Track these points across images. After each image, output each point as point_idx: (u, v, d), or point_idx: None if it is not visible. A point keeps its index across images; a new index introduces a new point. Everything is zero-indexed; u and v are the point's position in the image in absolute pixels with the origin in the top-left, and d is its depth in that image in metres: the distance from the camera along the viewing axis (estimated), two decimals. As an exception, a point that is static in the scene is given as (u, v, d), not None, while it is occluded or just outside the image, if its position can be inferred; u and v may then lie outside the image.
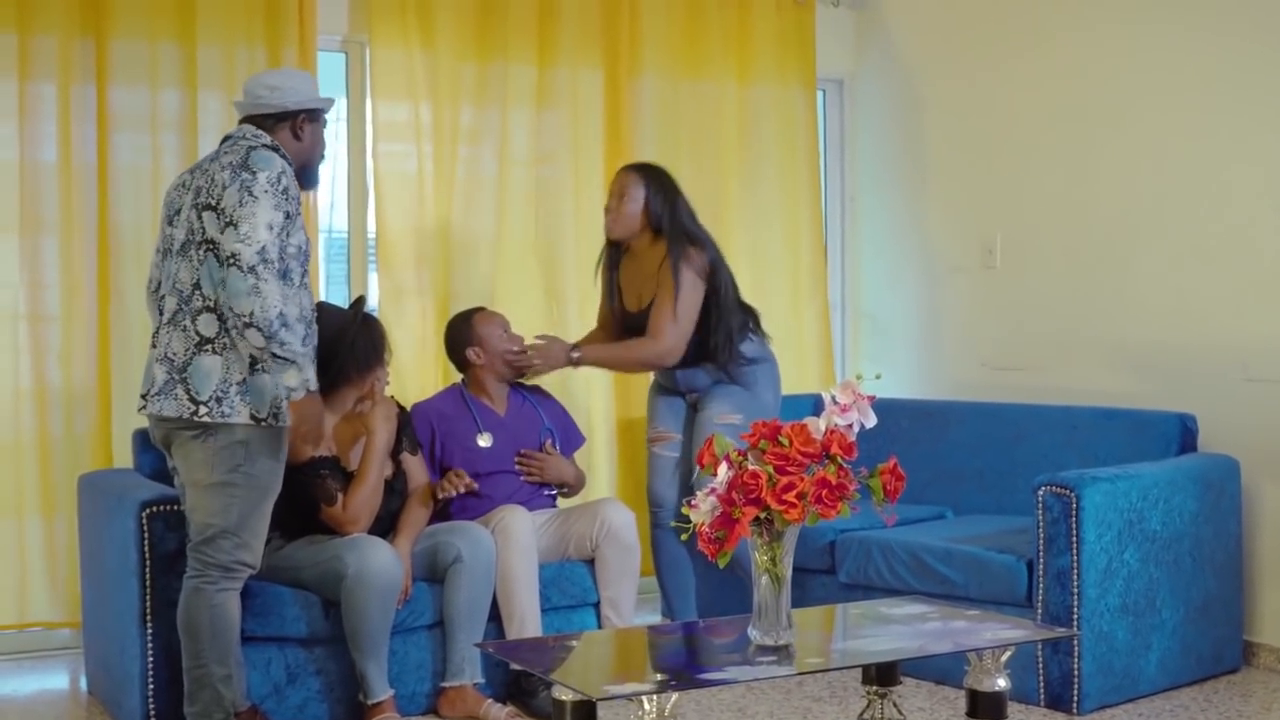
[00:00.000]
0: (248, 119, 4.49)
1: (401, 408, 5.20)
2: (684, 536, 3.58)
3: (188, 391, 4.24)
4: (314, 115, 4.56)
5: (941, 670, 5.16)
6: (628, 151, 6.61)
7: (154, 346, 4.37)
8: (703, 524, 3.47)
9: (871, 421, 3.59)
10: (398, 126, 6.24)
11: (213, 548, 4.31)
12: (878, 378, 3.84)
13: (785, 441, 3.46)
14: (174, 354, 4.28)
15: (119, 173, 5.77)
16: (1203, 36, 5.72)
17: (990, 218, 6.62)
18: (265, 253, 4.14)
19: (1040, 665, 4.94)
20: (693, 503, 3.49)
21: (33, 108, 5.67)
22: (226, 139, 4.46)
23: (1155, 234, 5.89)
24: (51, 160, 5.70)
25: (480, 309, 5.56)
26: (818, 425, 3.52)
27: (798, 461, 3.44)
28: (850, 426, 3.55)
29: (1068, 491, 4.86)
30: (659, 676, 3.40)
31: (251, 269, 4.12)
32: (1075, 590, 4.84)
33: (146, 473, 5.20)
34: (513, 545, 5.02)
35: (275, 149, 4.35)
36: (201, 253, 4.25)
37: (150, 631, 4.55)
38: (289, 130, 4.50)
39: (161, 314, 4.36)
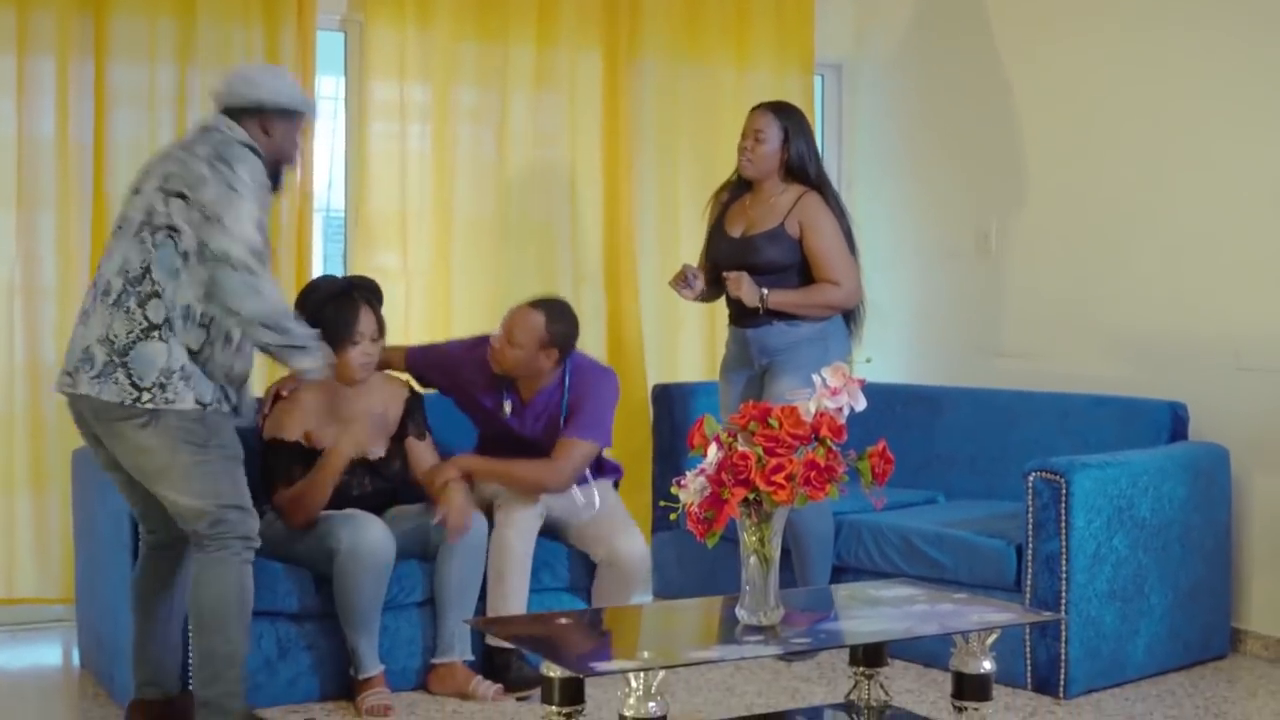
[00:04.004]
0: (223, 111, 4.40)
1: (412, 391, 5.18)
2: (673, 516, 3.60)
3: (129, 376, 4.09)
4: (287, 114, 4.42)
5: (929, 653, 5.18)
6: (626, 134, 6.63)
7: (82, 321, 4.21)
8: (691, 504, 3.49)
9: (861, 405, 3.61)
10: (394, 106, 6.25)
11: (224, 525, 4.19)
12: (868, 361, 3.87)
13: (775, 423, 3.48)
14: (115, 336, 4.11)
15: (116, 148, 5.78)
16: (1199, 28, 5.72)
17: (986, 204, 6.63)
18: (255, 249, 4.11)
19: (1028, 649, 4.96)
20: (682, 482, 3.51)
21: (31, 83, 5.68)
22: (202, 128, 4.37)
23: (1150, 223, 5.90)
24: (49, 135, 5.72)
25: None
26: (808, 408, 3.54)
27: (787, 443, 3.46)
28: (840, 409, 3.57)
29: (1058, 477, 4.88)
30: (646, 654, 3.42)
31: (246, 267, 4.09)
32: (1064, 575, 4.86)
33: (141, 448, 5.21)
34: (515, 525, 5.02)
35: (249, 146, 4.27)
36: (159, 237, 4.12)
37: (142, 606, 4.56)
38: (258, 125, 4.35)
39: (103, 291, 4.17)
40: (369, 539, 4.70)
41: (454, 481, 4.98)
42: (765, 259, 5.44)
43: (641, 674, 3.21)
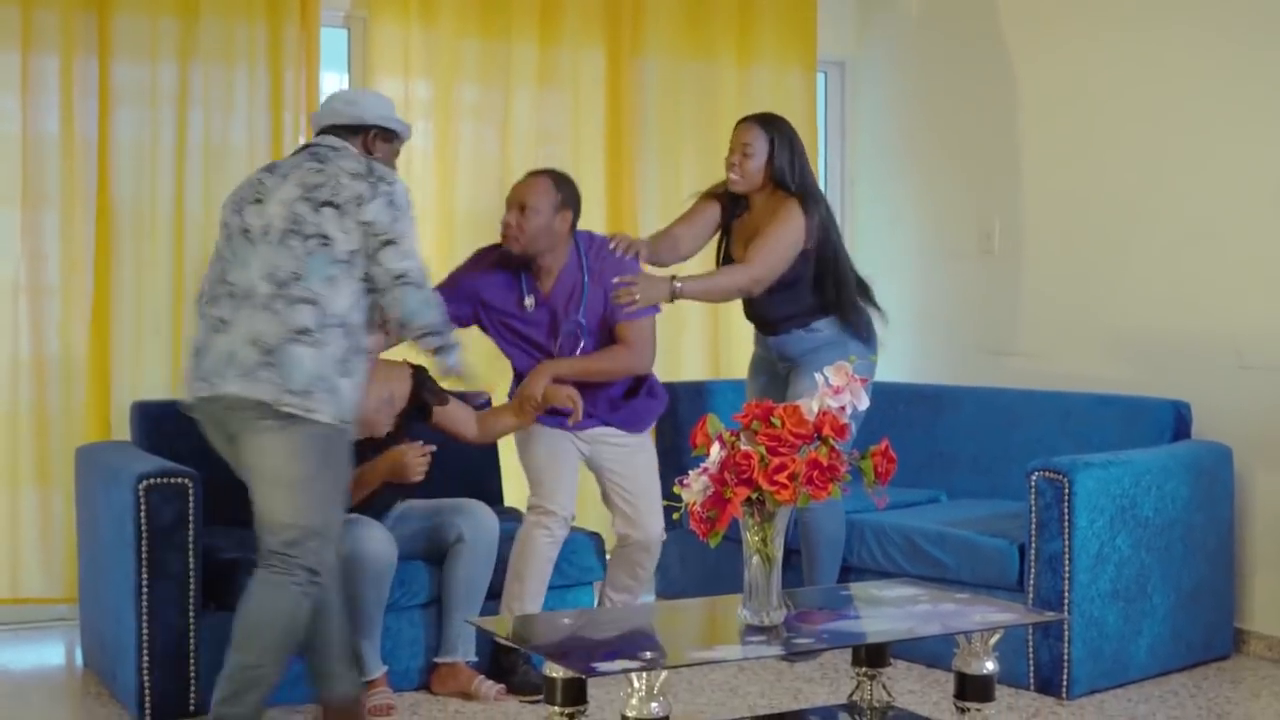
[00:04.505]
0: (326, 130, 4.43)
1: (416, 367, 5.10)
2: (675, 516, 3.60)
3: (278, 376, 4.07)
4: (387, 135, 4.49)
5: (932, 653, 5.18)
6: (629, 132, 6.63)
7: (221, 329, 4.15)
8: (694, 503, 3.49)
9: (864, 404, 3.61)
10: (397, 103, 6.23)
11: (300, 549, 4.13)
12: (852, 360, 3.84)
13: (777, 422, 3.48)
14: (264, 337, 4.09)
15: (119, 146, 5.80)
16: (1201, 29, 5.72)
17: (989, 203, 6.63)
18: (423, 263, 4.27)
19: (1030, 649, 4.96)
20: (685, 482, 3.51)
21: (35, 81, 5.70)
22: (309, 147, 4.38)
23: (1152, 222, 5.90)
24: (53, 133, 5.73)
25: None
26: (810, 407, 3.54)
27: (790, 443, 3.45)
28: (842, 408, 3.56)
29: (1060, 477, 4.88)
30: (649, 654, 3.42)
31: (422, 285, 4.23)
32: (1066, 575, 4.86)
33: (144, 446, 5.22)
34: (549, 529, 5.02)
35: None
36: (310, 245, 4.13)
37: (146, 605, 4.56)
38: (361, 143, 4.42)
39: (244, 297, 4.14)
40: (370, 544, 4.69)
41: (550, 387, 5.01)
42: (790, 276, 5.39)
43: (644, 674, 3.20)
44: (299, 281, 4.11)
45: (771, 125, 5.45)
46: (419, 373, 5.09)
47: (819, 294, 5.42)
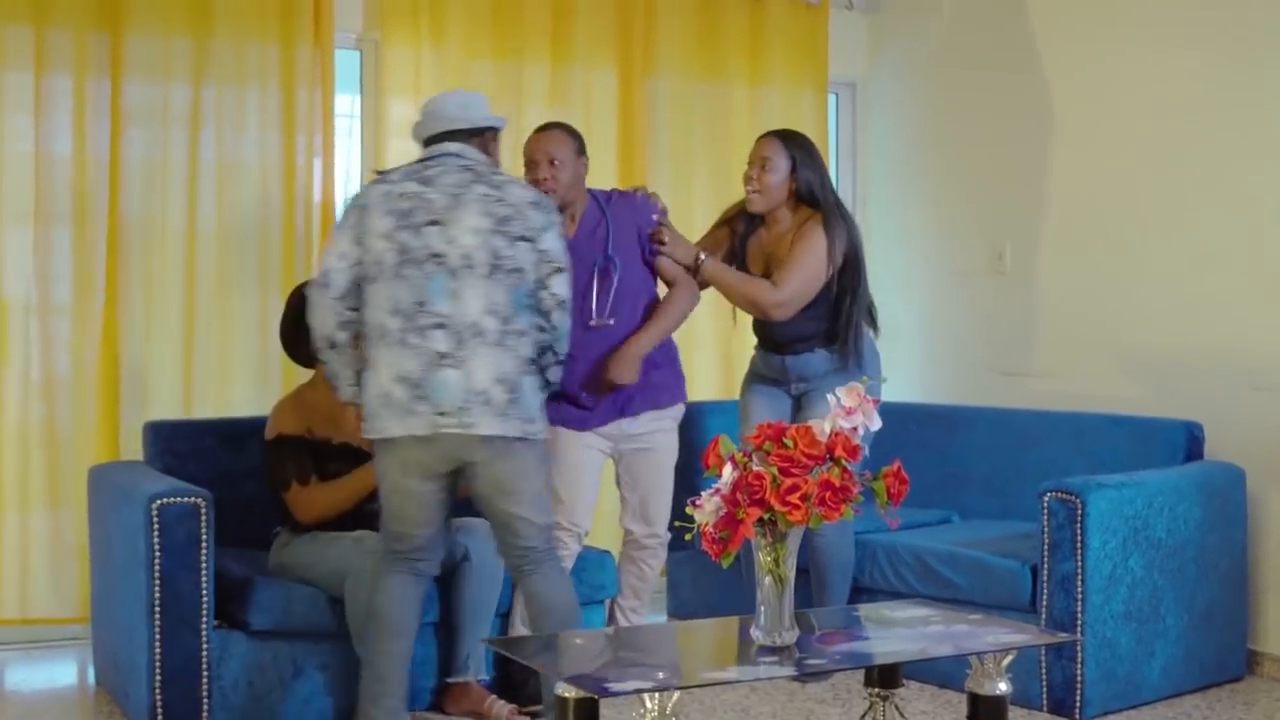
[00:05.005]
0: (445, 136, 4.50)
1: None
2: (688, 537, 3.59)
3: (522, 411, 4.35)
4: (496, 134, 4.62)
5: (944, 674, 5.17)
6: (640, 152, 6.65)
7: (451, 364, 4.27)
8: (706, 524, 3.48)
9: (876, 425, 3.60)
10: (409, 124, 6.24)
11: (552, 540, 4.58)
12: (884, 381, 3.85)
13: (790, 443, 3.47)
14: (508, 375, 4.32)
15: (131, 166, 5.82)
16: (1212, 48, 5.72)
17: (1000, 223, 6.63)
18: None
19: (1043, 670, 4.95)
20: (697, 502, 3.50)
21: (48, 101, 5.71)
22: (442, 158, 4.44)
23: (1164, 241, 5.89)
24: (65, 153, 5.74)
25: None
26: (822, 427, 3.54)
27: (802, 463, 3.45)
28: (855, 429, 3.56)
29: (1073, 497, 4.87)
30: (661, 674, 3.41)
31: (570, 312, 4.51)
32: (1079, 596, 4.85)
33: (156, 465, 5.23)
34: (565, 548, 5.02)
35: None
36: (511, 279, 4.34)
37: (158, 624, 4.57)
38: (480, 146, 4.52)
39: (472, 332, 4.29)
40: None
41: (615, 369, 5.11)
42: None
43: (657, 695, 3.20)
44: (515, 316, 4.36)
45: (792, 141, 5.40)
46: None
47: (833, 312, 5.38)
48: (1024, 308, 6.50)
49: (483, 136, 4.55)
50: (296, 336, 4.92)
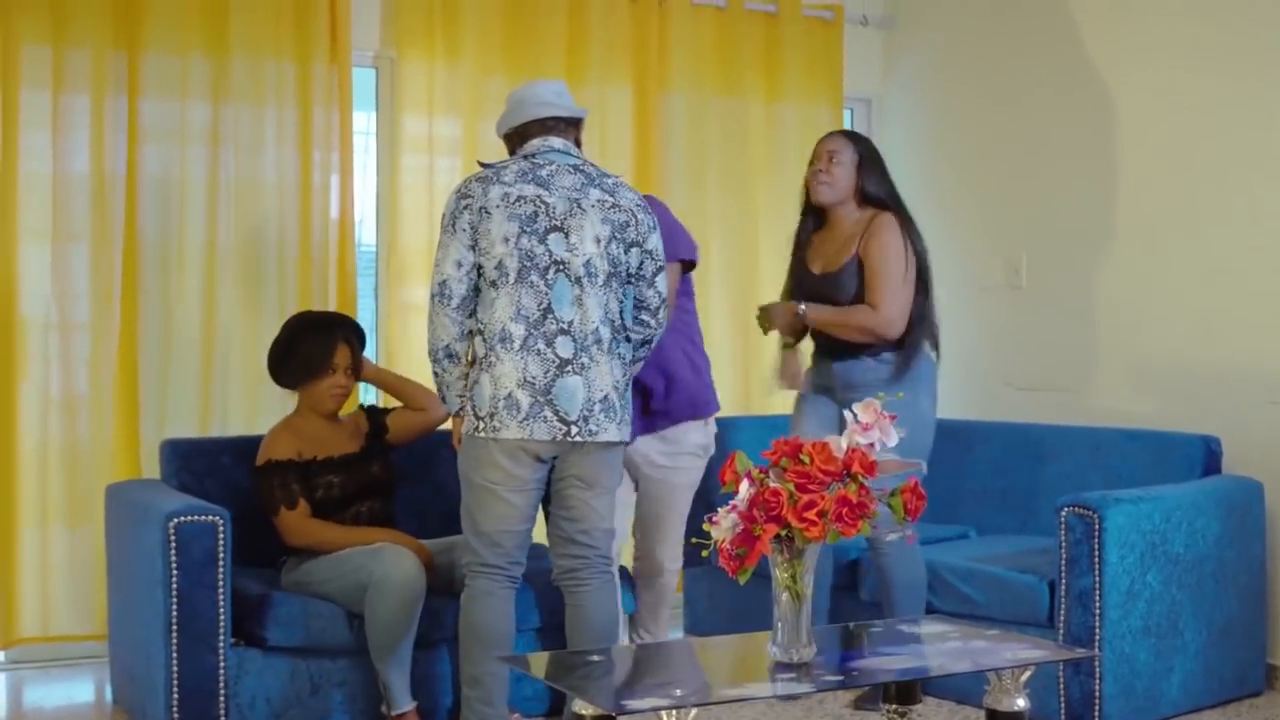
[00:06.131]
0: (540, 125, 4.52)
1: (369, 409, 5.36)
2: (704, 553, 3.59)
3: (628, 416, 4.50)
4: (582, 125, 4.67)
5: (962, 690, 5.15)
6: (656, 167, 6.66)
7: (574, 371, 4.33)
8: (723, 540, 3.48)
9: (893, 441, 3.59)
10: (424, 140, 6.29)
11: (610, 551, 4.60)
12: (900, 397, 3.85)
13: (806, 459, 3.47)
14: (620, 383, 4.44)
15: (149, 184, 5.83)
16: (1225, 62, 5.72)
17: (1016, 237, 6.63)
18: None
19: (1061, 686, 4.94)
20: (714, 519, 3.51)
21: (66, 119, 5.73)
22: (555, 151, 4.48)
23: (1180, 255, 5.88)
24: (84, 171, 5.76)
25: None
26: (839, 444, 3.54)
27: (819, 479, 3.45)
28: (871, 445, 3.56)
29: (1090, 512, 4.86)
30: (678, 691, 3.41)
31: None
32: (1097, 611, 4.84)
33: (174, 483, 5.24)
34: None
35: None
36: (626, 288, 4.50)
37: (176, 642, 4.57)
38: (574, 137, 4.59)
39: (593, 340, 4.35)
40: (401, 570, 4.71)
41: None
42: (848, 293, 5.23)
43: (674, 712, 3.20)
44: (624, 322, 4.50)
45: (858, 140, 5.38)
46: (368, 409, 5.36)
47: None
48: (1040, 322, 6.50)
49: (577, 127, 4.61)
50: (286, 362, 5.11)
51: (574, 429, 4.32)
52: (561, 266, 4.33)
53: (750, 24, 6.92)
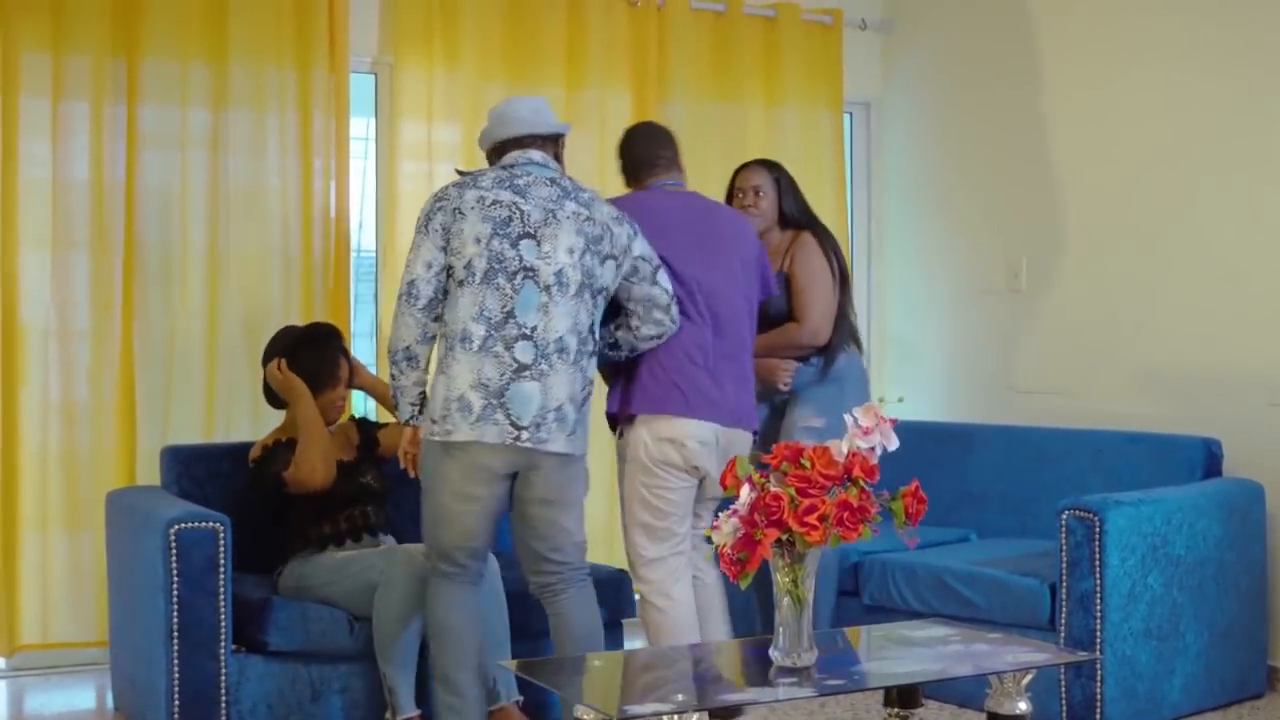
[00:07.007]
0: (517, 143, 4.55)
1: (360, 421, 5.42)
2: (706, 557, 3.59)
3: (584, 431, 4.48)
4: (563, 141, 4.69)
5: (964, 693, 5.15)
6: (654, 174, 6.64)
7: (531, 377, 4.32)
8: (724, 545, 3.48)
9: (893, 444, 3.59)
10: (422, 146, 6.28)
11: (585, 558, 4.59)
12: (900, 400, 3.85)
13: (807, 464, 3.47)
14: (578, 395, 4.42)
15: (149, 191, 5.83)
16: (1230, 64, 5.72)
17: (1016, 241, 6.63)
18: None
19: (1063, 689, 4.93)
20: (715, 524, 3.51)
21: (66, 126, 5.73)
22: (532, 164, 4.50)
23: (1181, 258, 5.89)
24: (83, 178, 5.76)
25: None
26: (840, 448, 3.54)
27: (819, 484, 3.45)
28: (872, 449, 3.56)
29: (1091, 515, 4.86)
30: (680, 696, 3.41)
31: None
32: (1098, 614, 4.84)
33: (174, 490, 5.24)
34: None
35: None
36: (599, 300, 4.49)
37: (176, 648, 4.57)
38: (553, 151, 4.60)
39: (556, 350, 4.35)
40: (408, 569, 4.71)
41: None
42: (776, 309, 5.40)
43: (676, 716, 3.20)
44: (591, 335, 4.44)
45: (773, 166, 5.60)
46: (358, 420, 5.39)
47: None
48: (1041, 325, 6.50)
49: (556, 142, 4.62)
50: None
51: (524, 434, 4.31)
52: (530, 273, 4.34)
53: (749, 28, 6.92)
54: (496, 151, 4.59)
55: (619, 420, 4.91)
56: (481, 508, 4.41)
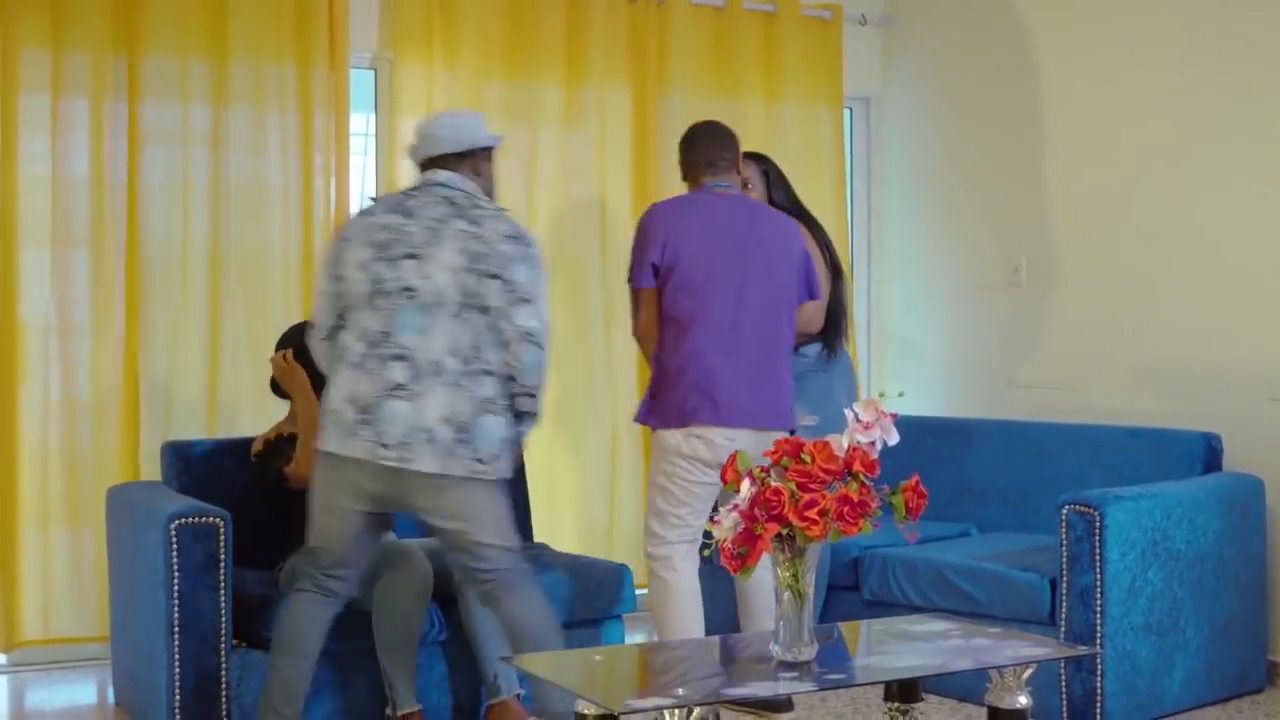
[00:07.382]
0: (434, 159, 4.55)
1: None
2: (706, 552, 3.60)
3: (473, 452, 4.33)
4: (488, 152, 4.65)
5: (964, 687, 5.16)
6: (655, 170, 6.65)
7: (403, 397, 4.29)
8: (725, 539, 3.48)
9: (894, 439, 3.59)
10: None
11: (520, 560, 4.54)
12: (900, 395, 3.86)
13: (808, 458, 3.48)
14: (458, 415, 4.32)
15: (149, 188, 5.83)
16: (1230, 59, 5.72)
17: (1016, 236, 6.63)
18: (547, 328, 4.49)
19: (1063, 684, 4.94)
20: (715, 518, 3.51)
21: (65, 123, 5.74)
22: (432, 186, 4.50)
23: (1180, 253, 5.89)
24: (83, 175, 5.76)
25: None
26: (840, 442, 3.54)
27: (820, 479, 3.45)
28: (872, 444, 3.56)
29: (1091, 510, 4.86)
30: (681, 691, 3.41)
31: (543, 345, 4.43)
32: (1098, 609, 4.84)
33: (175, 486, 5.24)
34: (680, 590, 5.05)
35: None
36: (483, 319, 4.37)
37: (177, 644, 4.57)
38: (470, 167, 4.57)
39: (431, 371, 4.32)
40: (410, 564, 4.73)
41: None
42: None
43: (677, 711, 3.20)
44: (478, 354, 4.37)
45: (761, 159, 5.64)
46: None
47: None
48: (1040, 320, 6.50)
49: (474, 158, 4.59)
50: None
51: (389, 452, 4.30)
52: (410, 293, 4.34)
53: (749, 24, 6.92)
54: (422, 169, 4.61)
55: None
56: (344, 521, 4.43)
